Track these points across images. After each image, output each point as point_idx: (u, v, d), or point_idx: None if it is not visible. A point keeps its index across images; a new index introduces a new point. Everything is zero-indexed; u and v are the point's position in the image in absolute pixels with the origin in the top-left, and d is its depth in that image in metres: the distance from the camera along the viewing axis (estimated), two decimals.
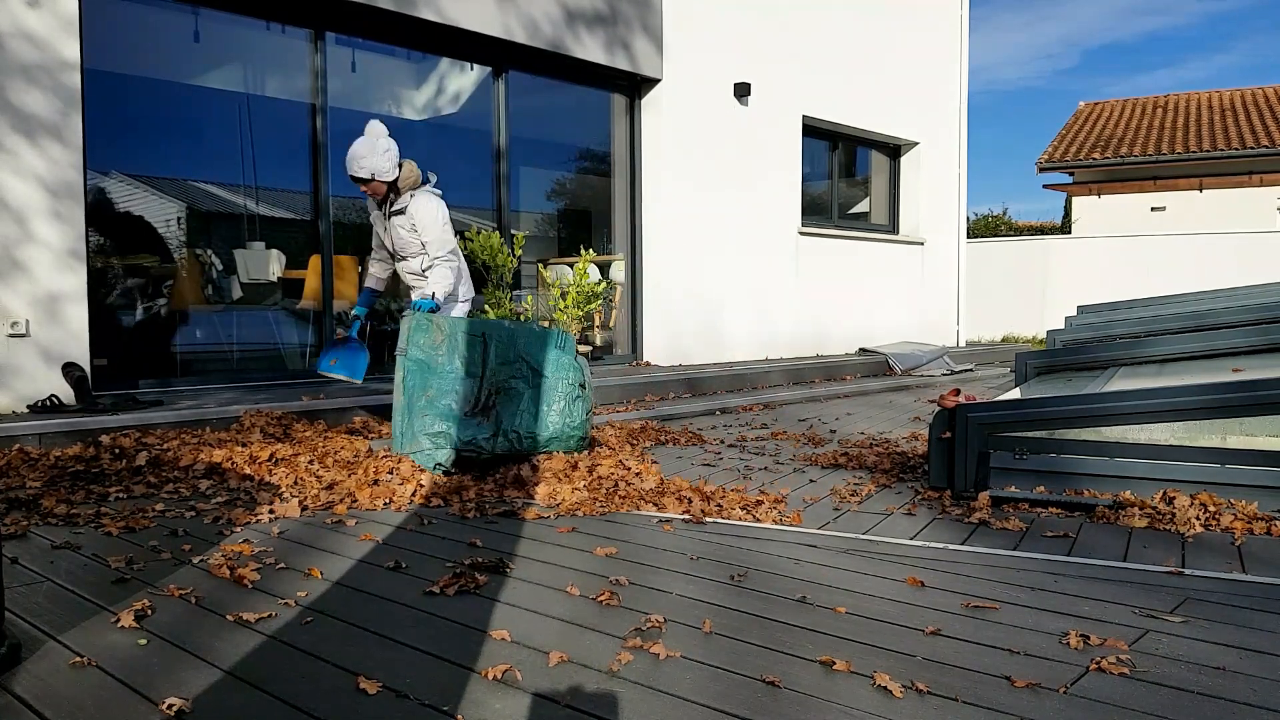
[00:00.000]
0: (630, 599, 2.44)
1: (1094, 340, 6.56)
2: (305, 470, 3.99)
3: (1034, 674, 1.95)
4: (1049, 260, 15.13)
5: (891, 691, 1.85)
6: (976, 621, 2.29)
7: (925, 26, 11.58)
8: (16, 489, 3.60)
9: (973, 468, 3.73)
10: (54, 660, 1.98)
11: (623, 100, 8.59)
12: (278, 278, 6.77)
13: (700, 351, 8.93)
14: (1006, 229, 24.47)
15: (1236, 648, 2.11)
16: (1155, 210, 20.08)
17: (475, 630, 2.19)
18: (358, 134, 4.60)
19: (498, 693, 1.84)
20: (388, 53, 7.18)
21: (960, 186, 12.30)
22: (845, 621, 2.28)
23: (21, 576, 2.59)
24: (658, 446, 5.22)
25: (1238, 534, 3.13)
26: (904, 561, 2.86)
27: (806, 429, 5.97)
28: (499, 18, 7.20)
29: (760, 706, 1.79)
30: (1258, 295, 6.56)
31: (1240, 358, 5.00)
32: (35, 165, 5.04)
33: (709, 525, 3.35)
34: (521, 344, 4.42)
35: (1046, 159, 20.94)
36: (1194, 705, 1.80)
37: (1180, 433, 3.78)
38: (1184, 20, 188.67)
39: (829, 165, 10.88)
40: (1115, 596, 2.49)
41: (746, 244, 9.35)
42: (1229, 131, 19.68)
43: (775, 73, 9.51)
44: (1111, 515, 3.37)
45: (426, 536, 3.11)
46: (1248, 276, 11.26)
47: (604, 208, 8.75)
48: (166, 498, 3.64)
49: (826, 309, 10.30)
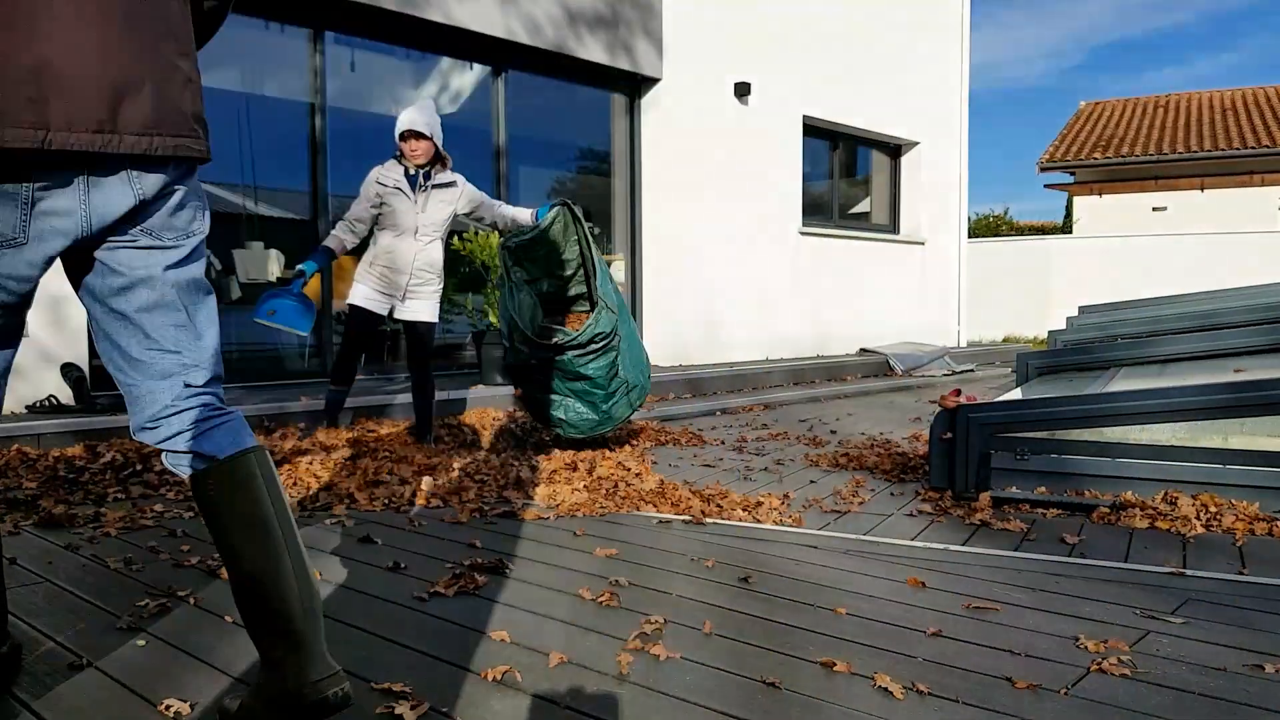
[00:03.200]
0: (630, 600, 2.43)
1: (1095, 340, 6.56)
2: (305, 470, 3.98)
3: (1035, 675, 1.94)
4: (1050, 260, 15.13)
5: (892, 692, 1.85)
6: (977, 622, 2.28)
7: (926, 26, 11.57)
8: (15, 489, 3.60)
9: (974, 468, 3.72)
10: (53, 662, 1.97)
11: (623, 100, 8.59)
12: (277, 278, 6.76)
13: (700, 352, 8.93)
14: (1008, 229, 24.45)
15: (1238, 648, 2.10)
16: (1156, 210, 20.07)
17: (475, 631, 2.19)
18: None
19: (497, 693, 1.84)
20: (387, 52, 7.17)
21: (961, 186, 12.29)
22: (846, 622, 2.28)
23: (20, 577, 2.58)
24: (658, 447, 5.21)
25: (1239, 534, 3.13)
26: (905, 562, 2.85)
27: (807, 429, 5.96)
28: (500, 19, 7.20)
29: (761, 707, 1.78)
30: (1259, 295, 6.55)
31: (1242, 358, 4.99)
32: None
33: (709, 526, 3.34)
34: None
35: (1048, 159, 20.94)
36: (1195, 706, 1.80)
37: (1182, 433, 3.77)
38: (1192, 18, 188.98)
39: (829, 165, 10.88)
40: (1116, 597, 2.48)
41: (747, 244, 9.34)
42: (1230, 131, 19.67)
43: (775, 72, 9.51)
44: (1113, 516, 3.36)
45: (426, 537, 3.10)
46: (1249, 277, 11.25)
47: (604, 208, 8.74)
48: (165, 498, 3.63)
49: (827, 309, 10.29)
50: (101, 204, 1.51)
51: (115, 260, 1.58)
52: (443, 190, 4.59)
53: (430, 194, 4.57)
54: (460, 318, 7.31)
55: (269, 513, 1.60)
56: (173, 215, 1.62)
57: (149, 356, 1.62)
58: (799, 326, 9.97)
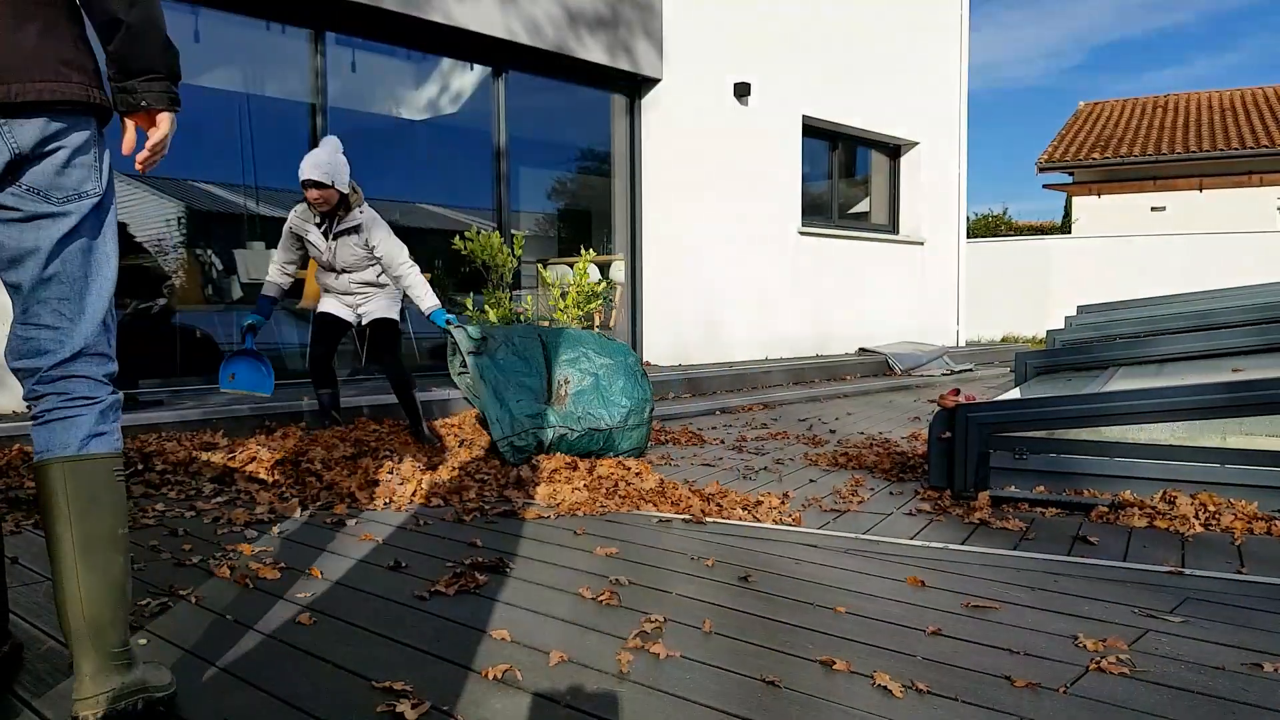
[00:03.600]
0: (630, 599, 2.44)
1: (1094, 340, 6.57)
2: (305, 470, 3.99)
3: (1034, 674, 1.95)
4: (1049, 260, 15.14)
5: (892, 691, 1.85)
6: (977, 621, 2.29)
7: (926, 26, 11.58)
8: (16, 489, 3.60)
9: (973, 467, 3.73)
10: (54, 660, 1.98)
11: (623, 100, 8.59)
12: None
13: (700, 351, 8.94)
14: (1006, 229, 24.47)
15: (1236, 647, 2.11)
16: (1155, 210, 20.08)
17: (475, 630, 2.19)
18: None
19: (498, 692, 1.84)
20: (388, 53, 7.18)
21: (960, 186, 12.30)
22: (845, 621, 2.28)
23: (22, 576, 2.59)
24: (658, 446, 5.22)
25: (1238, 533, 3.13)
26: (904, 561, 2.86)
27: (807, 429, 5.97)
28: (501, 19, 7.21)
29: (761, 706, 1.79)
30: (1257, 295, 6.56)
31: (1240, 358, 5.00)
32: None
33: (709, 525, 3.35)
34: (583, 344, 4.69)
35: (1046, 159, 20.95)
36: (1194, 705, 1.80)
37: (1180, 433, 3.78)
38: (1192, 18, 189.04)
39: (829, 165, 10.88)
40: (1115, 596, 2.49)
41: (747, 244, 9.35)
42: (1229, 131, 19.68)
43: (775, 73, 9.52)
44: (1111, 515, 3.37)
45: (427, 536, 3.11)
46: (1247, 276, 11.27)
47: (604, 208, 8.75)
48: (166, 497, 3.64)
49: (827, 309, 10.30)
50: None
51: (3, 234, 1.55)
52: (350, 235, 4.50)
53: (339, 240, 4.53)
54: (460, 318, 7.31)
55: (60, 532, 1.58)
56: (59, 173, 1.55)
57: (26, 331, 1.61)
58: (798, 326, 9.98)
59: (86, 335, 1.62)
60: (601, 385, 4.51)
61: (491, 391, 4.24)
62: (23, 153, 1.51)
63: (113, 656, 1.59)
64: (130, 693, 1.59)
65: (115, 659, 1.59)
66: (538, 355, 4.48)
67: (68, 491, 1.58)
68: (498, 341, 4.42)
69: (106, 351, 1.66)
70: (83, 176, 1.58)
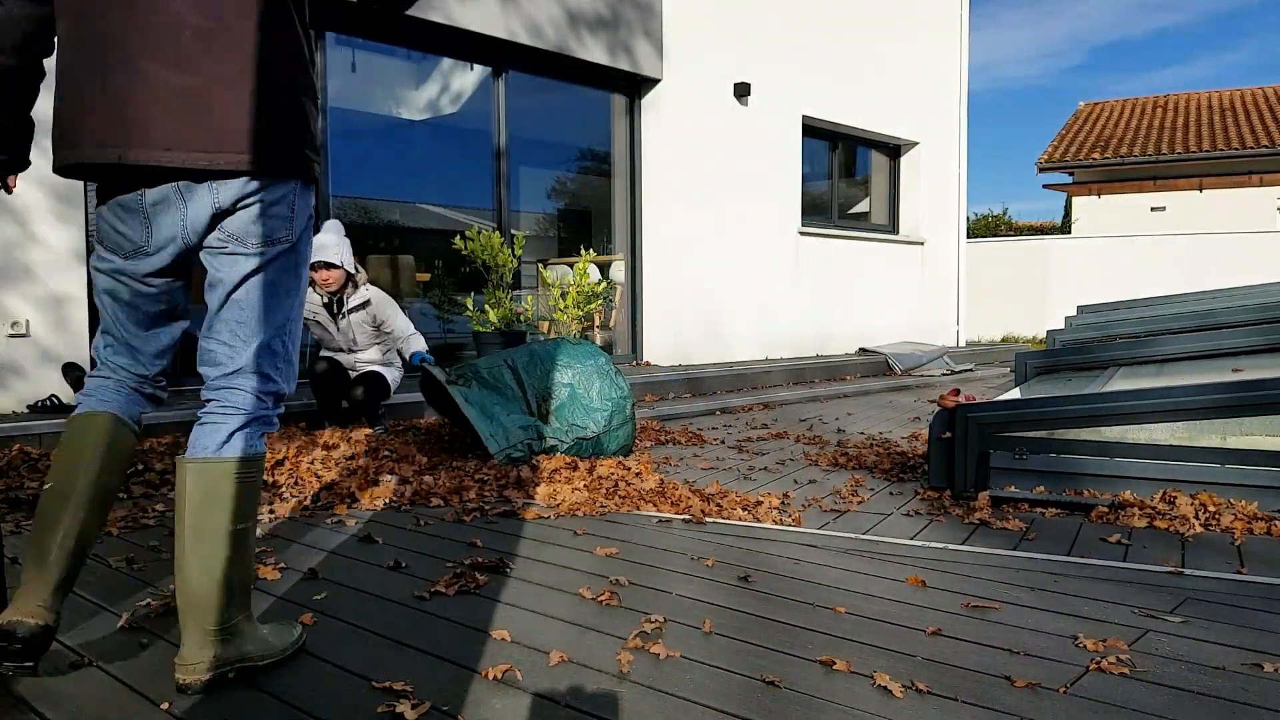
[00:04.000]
0: (630, 599, 2.44)
1: (1094, 340, 6.57)
2: (305, 470, 3.99)
3: (1034, 674, 1.95)
4: (1049, 260, 15.14)
5: (892, 691, 1.85)
6: (977, 621, 2.29)
7: (926, 26, 11.58)
8: (16, 489, 3.61)
9: (972, 468, 3.73)
10: (55, 660, 1.98)
11: (623, 100, 8.59)
12: None
13: (700, 351, 8.94)
14: (1006, 229, 24.49)
15: (1236, 647, 2.11)
16: (1155, 210, 20.09)
17: (475, 630, 2.19)
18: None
19: (498, 692, 1.84)
20: (388, 53, 7.18)
21: (960, 186, 12.31)
22: (845, 621, 2.28)
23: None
24: (658, 446, 5.22)
25: (1237, 534, 3.14)
26: (904, 561, 2.86)
27: (807, 429, 5.97)
28: (501, 20, 7.21)
29: (761, 706, 1.79)
30: (1258, 295, 6.56)
31: (1240, 358, 5.00)
32: (37, 167, 5.04)
33: (709, 525, 3.35)
34: (551, 358, 4.67)
35: (1046, 159, 20.96)
36: (1194, 705, 1.80)
37: (1180, 433, 3.78)
38: (1193, 18, 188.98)
39: (829, 165, 10.89)
40: (1115, 596, 2.49)
41: (747, 244, 9.35)
42: (1229, 131, 19.69)
43: (775, 73, 9.52)
44: (1111, 515, 3.37)
45: (427, 536, 3.11)
46: (1247, 276, 11.28)
47: (604, 208, 8.75)
48: (166, 498, 3.64)
49: (827, 309, 10.30)
50: (194, 212, 1.80)
51: (208, 263, 1.86)
52: (359, 313, 4.83)
53: (348, 318, 4.82)
54: (461, 318, 7.32)
55: (180, 521, 1.81)
56: (254, 223, 1.82)
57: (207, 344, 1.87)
58: (799, 326, 9.98)
59: (253, 355, 1.86)
60: (578, 394, 4.48)
61: (478, 411, 4.28)
62: (222, 207, 1.80)
63: (211, 633, 1.80)
64: (225, 663, 1.82)
65: (214, 635, 1.80)
66: (509, 381, 4.50)
67: (189, 488, 1.80)
68: (467, 379, 4.46)
69: (269, 373, 1.89)
70: (275, 226, 1.85)
